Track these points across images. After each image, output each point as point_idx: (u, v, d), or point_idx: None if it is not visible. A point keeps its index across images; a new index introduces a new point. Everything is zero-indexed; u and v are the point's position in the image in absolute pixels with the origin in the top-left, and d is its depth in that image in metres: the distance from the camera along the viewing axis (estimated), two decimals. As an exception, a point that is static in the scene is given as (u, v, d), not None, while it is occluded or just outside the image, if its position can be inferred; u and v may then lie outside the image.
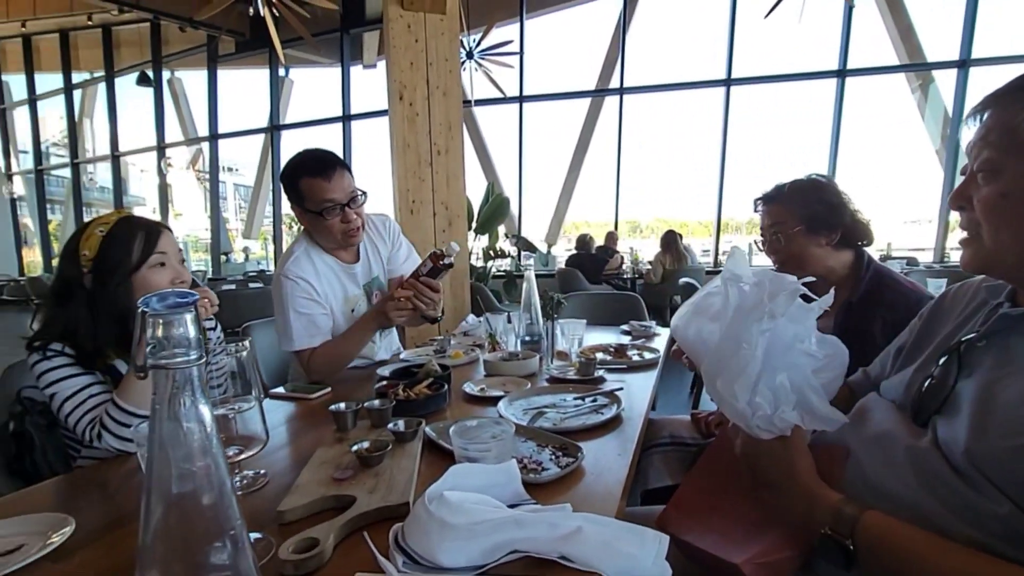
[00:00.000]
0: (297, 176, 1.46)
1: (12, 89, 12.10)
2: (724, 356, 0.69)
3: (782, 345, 0.68)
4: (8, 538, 0.67)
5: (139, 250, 1.07)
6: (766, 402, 0.66)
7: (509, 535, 0.59)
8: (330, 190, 1.44)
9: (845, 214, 1.23)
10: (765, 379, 0.66)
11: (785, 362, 0.68)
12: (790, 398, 0.67)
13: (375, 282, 1.69)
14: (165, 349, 0.36)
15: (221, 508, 0.40)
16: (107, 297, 1.05)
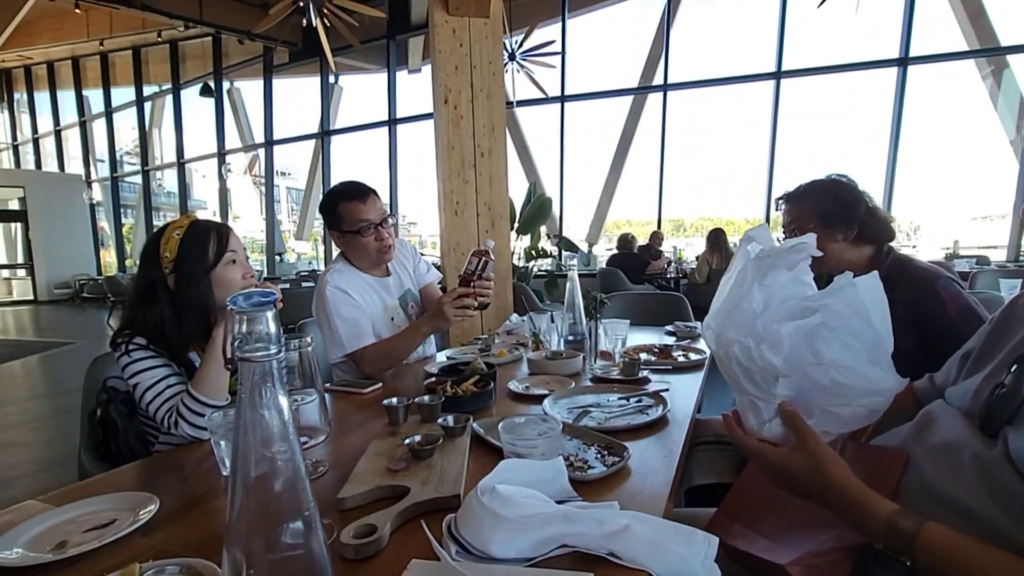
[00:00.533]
0: (336, 202, 1.62)
1: (91, 103, 13.09)
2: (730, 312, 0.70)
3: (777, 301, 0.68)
4: (103, 513, 0.74)
5: (214, 249, 1.17)
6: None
7: (558, 529, 0.60)
8: (365, 211, 1.60)
9: (860, 210, 1.27)
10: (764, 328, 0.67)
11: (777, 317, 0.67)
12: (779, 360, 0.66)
13: (408, 294, 1.80)
14: (249, 343, 0.40)
15: (297, 490, 0.44)
16: (190, 294, 1.14)
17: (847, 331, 0.66)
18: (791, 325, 0.66)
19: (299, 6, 5.29)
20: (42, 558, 0.63)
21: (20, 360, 6.01)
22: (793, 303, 0.67)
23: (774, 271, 0.68)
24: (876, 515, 0.60)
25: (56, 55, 12.20)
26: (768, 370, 0.66)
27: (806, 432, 0.66)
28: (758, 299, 0.68)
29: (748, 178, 8.00)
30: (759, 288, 0.68)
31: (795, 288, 0.68)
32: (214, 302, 1.16)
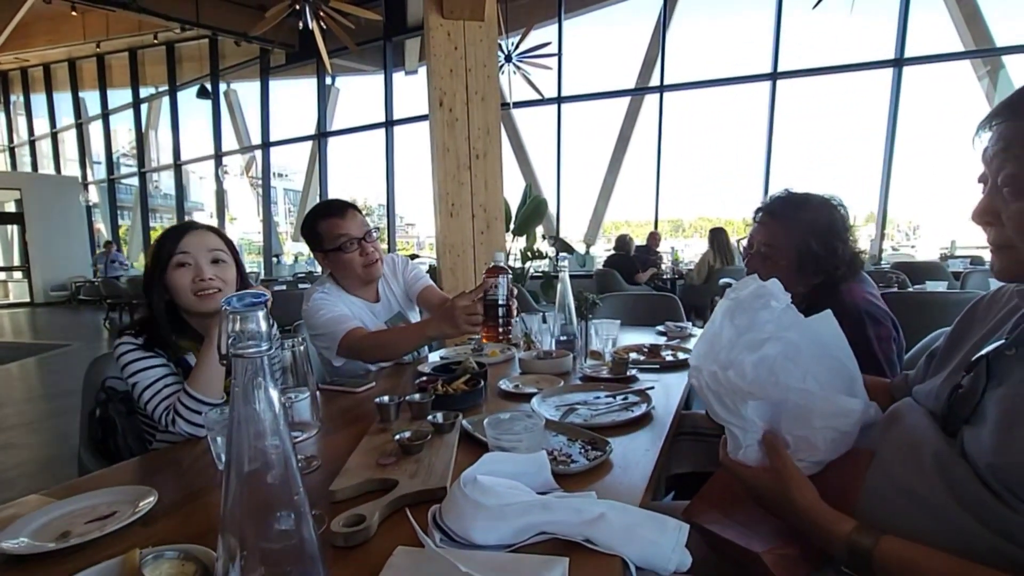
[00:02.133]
0: (315, 221, 1.61)
1: (88, 105, 13.10)
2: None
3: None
4: (103, 505, 0.77)
5: (164, 252, 1.18)
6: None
7: (537, 518, 0.64)
8: (344, 226, 1.59)
9: (841, 262, 1.19)
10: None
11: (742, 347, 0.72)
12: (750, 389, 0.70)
13: (397, 318, 1.79)
14: (242, 341, 0.43)
15: (288, 481, 0.46)
16: (156, 293, 1.19)
17: (806, 360, 0.71)
18: (755, 355, 0.71)
19: (295, 9, 5.32)
20: (46, 547, 0.66)
21: (17, 363, 6.02)
22: (754, 335, 0.72)
23: (740, 311, 0.74)
24: (837, 536, 0.63)
25: (52, 57, 12.21)
26: (735, 391, 0.70)
27: (777, 455, 0.70)
28: (728, 335, 0.73)
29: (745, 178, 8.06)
30: (729, 326, 0.74)
31: (759, 324, 0.73)
32: (174, 303, 1.20)
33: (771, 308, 0.72)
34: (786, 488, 0.68)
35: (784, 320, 0.72)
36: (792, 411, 0.69)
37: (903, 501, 0.64)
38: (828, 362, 0.72)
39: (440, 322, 1.40)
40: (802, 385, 0.69)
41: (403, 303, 1.83)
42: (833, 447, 0.70)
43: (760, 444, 0.72)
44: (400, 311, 1.81)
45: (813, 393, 0.69)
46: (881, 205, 6.63)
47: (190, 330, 1.23)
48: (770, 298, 0.73)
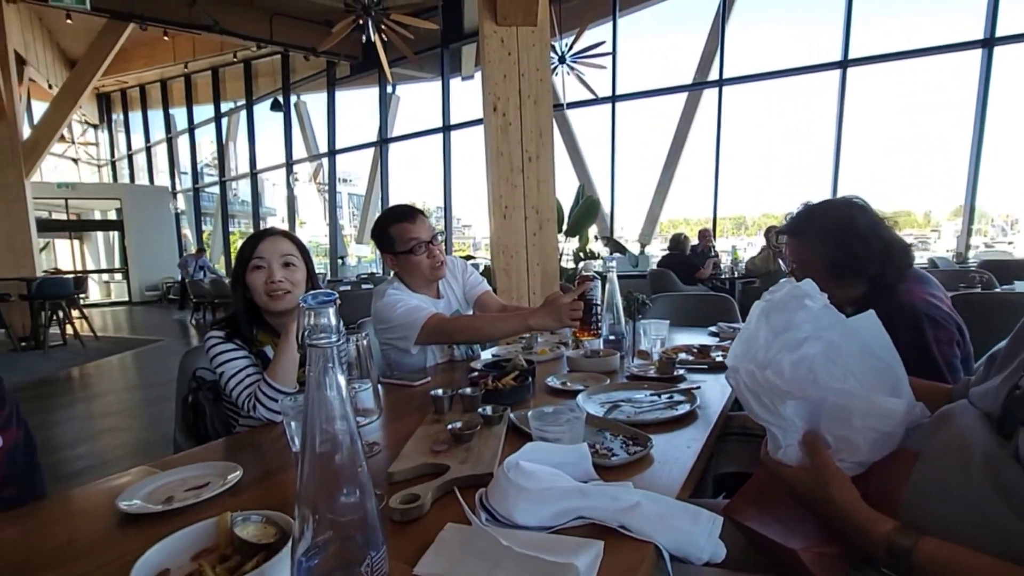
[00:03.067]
0: (386, 225, 1.72)
1: (177, 121, 14.34)
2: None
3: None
4: (199, 477, 0.89)
5: (244, 256, 1.33)
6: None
7: (575, 503, 0.68)
8: (414, 230, 1.69)
9: (872, 262, 1.15)
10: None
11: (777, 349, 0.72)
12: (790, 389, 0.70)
13: (457, 315, 1.88)
14: (315, 333, 0.51)
15: (353, 460, 0.53)
16: (236, 291, 1.34)
17: (847, 359, 0.71)
18: (794, 355, 0.71)
19: (359, 23, 5.60)
20: (155, 508, 0.78)
21: (118, 355, 6.71)
22: (792, 334, 0.73)
23: (776, 312, 0.75)
24: (876, 535, 0.63)
25: (147, 79, 13.46)
26: (774, 391, 0.71)
27: (817, 454, 0.70)
28: (764, 335, 0.75)
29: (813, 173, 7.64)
30: (765, 326, 0.75)
31: (797, 324, 0.73)
32: (250, 302, 1.34)
33: (807, 308, 0.72)
34: (825, 487, 0.68)
35: (823, 319, 0.72)
36: (832, 411, 0.70)
37: (948, 502, 0.63)
38: (871, 362, 0.71)
39: (545, 316, 1.49)
40: (842, 385, 0.69)
41: (461, 303, 1.92)
42: (875, 447, 0.70)
43: (800, 443, 0.73)
44: (458, 309, 1.90)
45: (853, 393, 0.69)
46: (968, 198, 6.10)
47: (268, 326, 1.36)
48: (805, 298, 0.73)
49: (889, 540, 0.61)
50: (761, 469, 0.91)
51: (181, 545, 0.63)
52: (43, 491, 1.00)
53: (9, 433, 0.96)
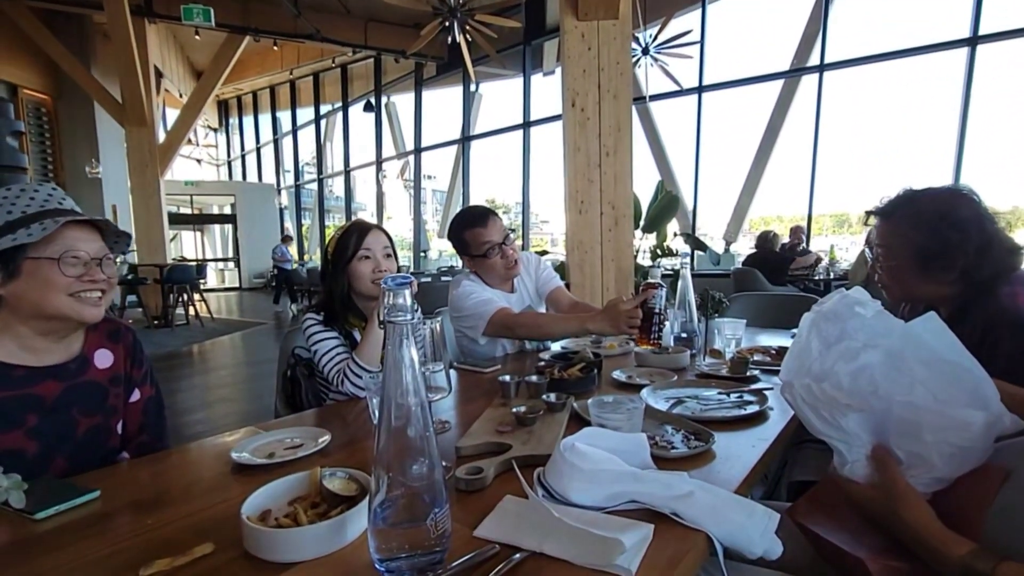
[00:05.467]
0: (461, 230, 1.79)
1: (282, 123, 15.68)
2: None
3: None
4: (295, 438, 1.01)
5: (351, 247, 1.45)
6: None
7: (628, 487, 0.71)
8: (487, 234, 1.75)
9: (966, 255, 1.02)
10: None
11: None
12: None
13: (528, 310, 1.92)
14: (394, 312, 0.58)
15: (423, 431, 0.60)
16: (337, 280, 1.46)
17: (913, 367, 0.66)
18: (852, 365, 0.68)
19: (445, 25, 5.82)
20: (260, 461, 0.91)
21: (229, 335, 7.51)
22: (848, 343, 0.69)
23: (826, 322, 0.71)
24: (950, 558, 0.59)
25: (259, 85, 14.82)
26: (832, 404, 0.68)
27: (886, 470, 0.66)
28: (816, 347, 0.72)
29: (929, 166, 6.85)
30: (816, 338, 0.72)
31: (850, 333, 0.70)
32: (351, 288, 1.45)
33: (859, 316, 0.69)
34: (894, 507, 0.65)
35: (878, 326, 0.68)
36: (899, 424, 0.66)
37: None
38: (941, 368, 0.66)
39: (603, 320, 1.51)
40: (907, 396, 0.65)
41: (533, 298, 1.97)
42: (954, 463, 0.65)
43: (868, 459, 0.69)
44: (530, 304, 1.96)
45: (921, 405, 0.65)
46: None
47: (357, 311, 1.50)
48: (856, 305, 0.69)
49: (965, 563, 0.58)
50: (829, 474, 0.88)
51: (280, 491, 0.74)
52: (167, 443, 1.18)
53: (145, 388, 1.15)
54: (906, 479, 0.65)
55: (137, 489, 0.87)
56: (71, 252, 0.94)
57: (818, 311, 0.74)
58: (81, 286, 0.95)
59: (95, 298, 0.98)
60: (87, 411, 1.02)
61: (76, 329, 1.02)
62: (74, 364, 1.02)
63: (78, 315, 0.96)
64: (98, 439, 1.04)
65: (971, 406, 0.65)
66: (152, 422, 1.15)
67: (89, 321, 0.99)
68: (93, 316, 0.98)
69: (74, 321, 0.97)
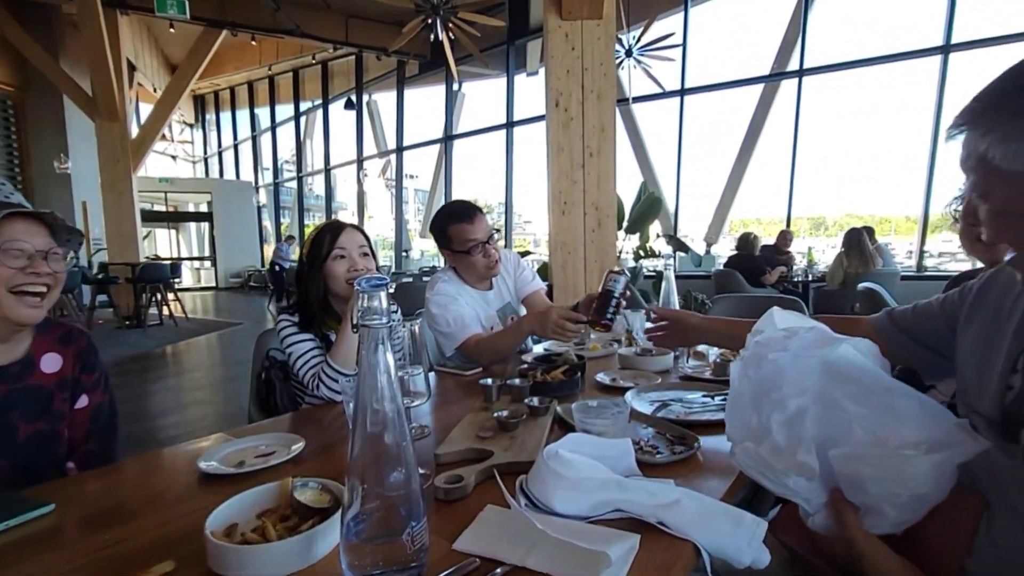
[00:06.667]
0: (445, 224, 1.75)
1: (260, 120, 15.39)
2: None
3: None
4: (267, 446, 0.97)
5: (326, 246, 1.40)
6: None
7: (613, 495, 0.68)
8: (473, 231, 1.71)
9: None
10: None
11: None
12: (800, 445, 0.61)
13: (508, 308, 1.90)
14: (368, 315, 0.54)
15: (399, 439, 0.56)
16: (312, 281, 1.41)
17: (844, 403, 0.61)
18: (783, 415, 0.63)
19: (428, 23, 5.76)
20: (228, 470, 0.86)
21: (205, 336, 7.33)
22: (774, 392, 0.64)
23: (752, 366, 0.67)
24: None
25: (236, 81, 14.52)
26: (773, 469, 0.63)
27: (845, 524, 0.62)
28: (748, 394, 0.67)
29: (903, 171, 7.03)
30: (747, 383, 0.67)
31: (775, 375, 0.64)
32: (327, 289, 1.41)
33: (775, 363, 0.64)
34: (859, 561, 0.61)
35: (796, 372, 0.63)
36: (842, 478, 0.61)
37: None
38: (875, 401, 0.61)
39: (534, 320, 1.54)
40: (845, 446, 0.60)
41: (512, 297, 1.94)
42: (909, 510, 0.59)
43: (827, 508, 0.64)
44: (510, 302, 1.93)
45: (857, 455, 0.59)
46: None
47: (335, 313, 1.45)
48: (769, 352, 0.65)
49: None
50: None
51: (248, 503, 0.70)
52: (116, 456, 1.11)
53: (96, 395, 1.09)
54: (865, 530, 0.61)
55: (94, 502, 0.82)
56: (14, 244, 0.89)
57: (743, 355, 0.69)
58: (24, 279, 0.90)
59: (35, 300, 0.92)
60: (28, 416, 0.96)
61: (15, 331, 0.96)
62: (16, 367, 0.97)
63: (14, 314, 0.91)
64: (44, 446, 0.98)
65: (917, 437, 0.59)
66: (101, 431, 1.09)
67: (24, 322, 0.93)
68: (28, 317, 0.93)
69: (10, 321, 0.92)
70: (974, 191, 0.59)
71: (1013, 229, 0.58)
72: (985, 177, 0.57)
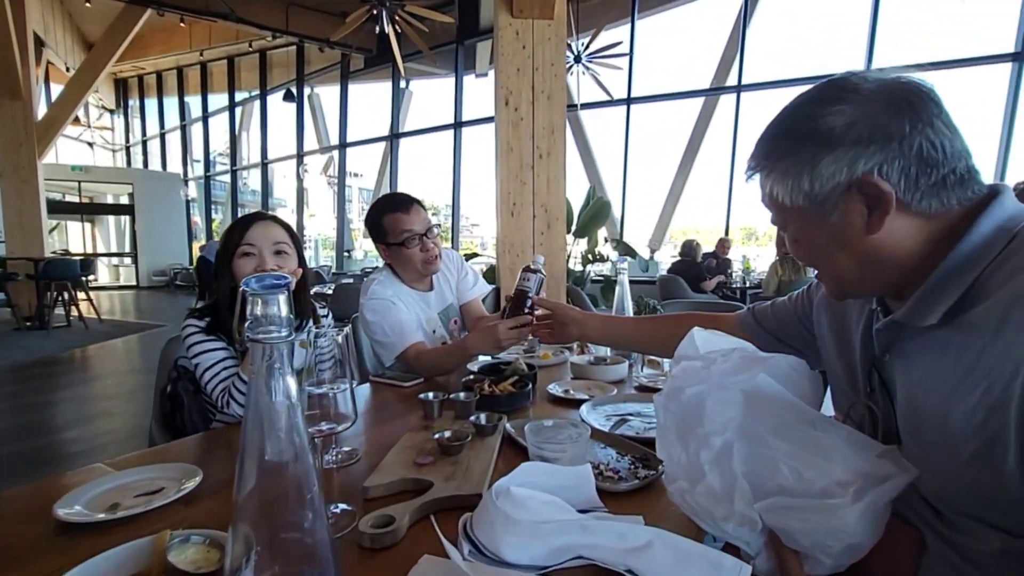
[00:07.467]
0: (380, 214, 1.60)
1: (191, 109, 14.38)
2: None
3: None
4: (154, 480, 0.79)
5: (232, 242, 1.23)
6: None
7: (575, 539, 0.58)
8: (408, 222, 1.57)
9: None
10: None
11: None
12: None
13: (451, 309, 1.77)
14: (261, 325, 0.41)
15: (302, 477, 0.43)
16: (221, 280, 1.24)
17: (766, 438, 0.57)
18: (711, 452, 0.59)
19: (373, 14, 5.53)
20: (95, 517, 0.68)
21: (122, 339, 6.68)
22: (700, 427, 0.60)
23: (673, 399, 0.63)
24: None
25: (164, 65, 13.49)
26: (708, 514, 0.59)
27: (786, 571, 0.57)
28: (673, 429, 0.63)
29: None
30: (672, 419, 0.63)
31: (698, 408, 0.61)
32: (233, 290, 1.23)
33: (702, 382, 0.60)
34: None
35: (723, 394, 0.59)
36: (774, 526, 0.56)
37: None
38: (796, 436, 0.57)
39: (480, 340, 1.37)
40: (768, 500, 0.55)
41: (456, 298, 1.81)
42: (847, 555, 0.54)
43: (766, 548, 0.59)
44: (453, 303, 1.79)
45: (779, 507, 0.55)
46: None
47: (230, 315, 1.26)
48: (679, 392, 0.62)
49: None
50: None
51: (110, 568, 0.54)
52: None
53: None
54: (807, 573, 0.56)
55: (-99, 566, 0.63)
56: None
57: (664, 390, 0.66)
58: None
59: None
60: None
61: None
62: None
63: None
64: None
65: (843, 475, 0.54)
66: None
67: None
68: None
69: None
70: (775, 223, 0.66)
71: (807, 253, 0.64)
72: (778, 212, 0.64)
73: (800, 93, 0.63)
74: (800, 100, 0.61)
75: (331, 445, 0.84)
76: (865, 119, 0.56)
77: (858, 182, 0.56)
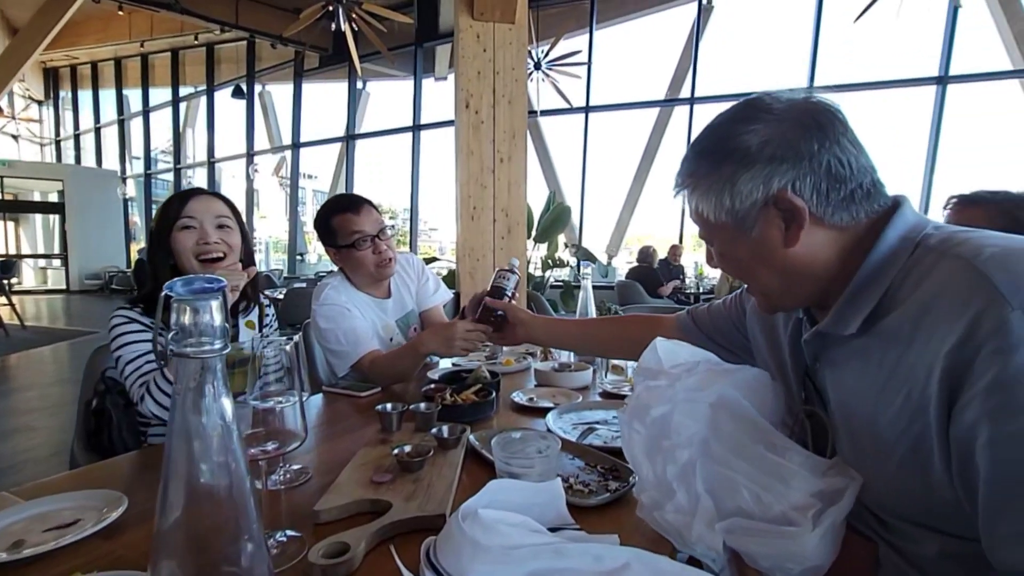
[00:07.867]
0: (328, 216, 1.53)
1: (131, 102, 13.55)
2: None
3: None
4: (69, 511, 0.70)
5: (170, 215, 1.14)
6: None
7: (547, 564, 0.53)
8: (359, 222, 1.49)
9: None
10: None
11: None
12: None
13: (411, 316, 1.69)
14: (191, 336, 0.35)
15: (238, 506, 0.38)
16: (158, 260, 1.15)
17: (725, 457, 0.58)
18: (676, 467, 0.59)
19: (328, 10, 5.37)
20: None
21: (50, 347, 6.17)
22: (666, 441, 0.60)
23: (637, 417, 0.63)
24: None
25: (100, 55, 12.67)
26: (678, 535, 0.59)
27: None
28: (639, 446, 0.63)
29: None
30: (638, 433, 0.63)
31: (665, 422, 0.61)
32: (173, 269, 1.15)
33: (667, 401, 0.61)
34: None
35: (689, 407, 0.60)
36: (736, 547, 0.57)
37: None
38: (752, 456, 0.57)
39: (432, 339, 1.31)
40: (728, 522, 0.56)
41: (416, 304, 1.74)
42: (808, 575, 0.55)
43: (730, 567, 0.60)
44: (413, 309, 1.72)
45: (742, 530, 0.56)
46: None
47: None
48: (663, 386, 0.62)
49: None
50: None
51: (4, 622, 0.46)
52: None
53: None
54: None
55: None
56: None
57: (627, 408, 0.66)
58: None
59: None
60: None
61: None
62: None
63: None
64: None
65: (801, 498, 0.54)
66: None
67: None
68: None
69: None
70: (702, 238, 0.68)
71: (734, 268, 0.66)
72: (704, 227, 0.65)
73: (721, 111, 0.64)
74: (720, 119, 0.63)
75: (278, 464, 0.77)
76: (778, 138, 0.57)
77: (774, 198, 0.57)
